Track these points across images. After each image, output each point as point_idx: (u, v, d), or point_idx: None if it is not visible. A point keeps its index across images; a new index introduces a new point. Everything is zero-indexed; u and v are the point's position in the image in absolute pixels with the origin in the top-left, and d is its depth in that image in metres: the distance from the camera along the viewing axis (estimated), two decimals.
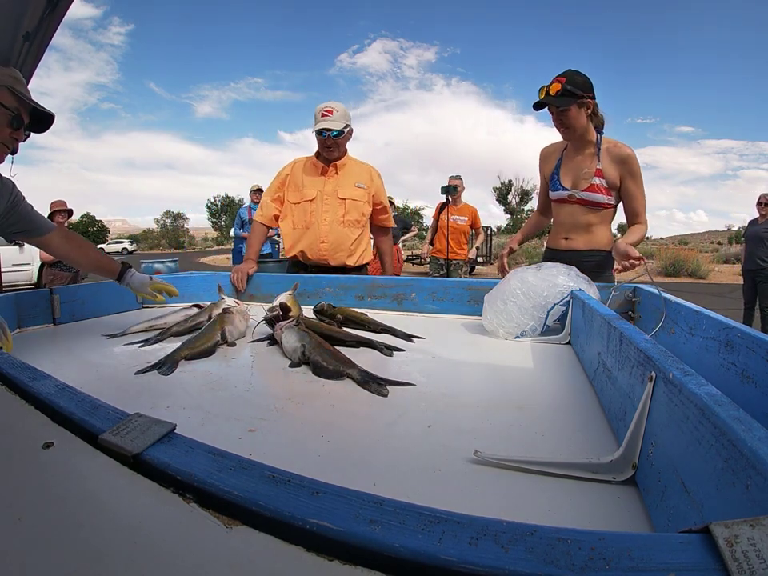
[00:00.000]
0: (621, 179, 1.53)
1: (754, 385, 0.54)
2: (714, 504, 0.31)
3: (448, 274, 4.33)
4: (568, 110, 1.46)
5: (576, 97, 1.44)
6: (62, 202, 4.29)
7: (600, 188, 1.53)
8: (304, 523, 0.23)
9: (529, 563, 0.20)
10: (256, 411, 0.64)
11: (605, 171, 1.52)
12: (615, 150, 1.52)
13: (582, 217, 1.59)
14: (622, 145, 1.53)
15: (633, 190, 1.53)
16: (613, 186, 1.53)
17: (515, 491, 0.44)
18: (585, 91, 1.45)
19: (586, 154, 1.56)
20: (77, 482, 0.32)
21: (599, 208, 1.56)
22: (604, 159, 1.53)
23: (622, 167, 1.51)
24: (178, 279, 1.67)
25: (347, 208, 1.85)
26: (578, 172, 1.57)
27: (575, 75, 1.46)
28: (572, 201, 1.59)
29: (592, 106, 1.49)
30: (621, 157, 1.51)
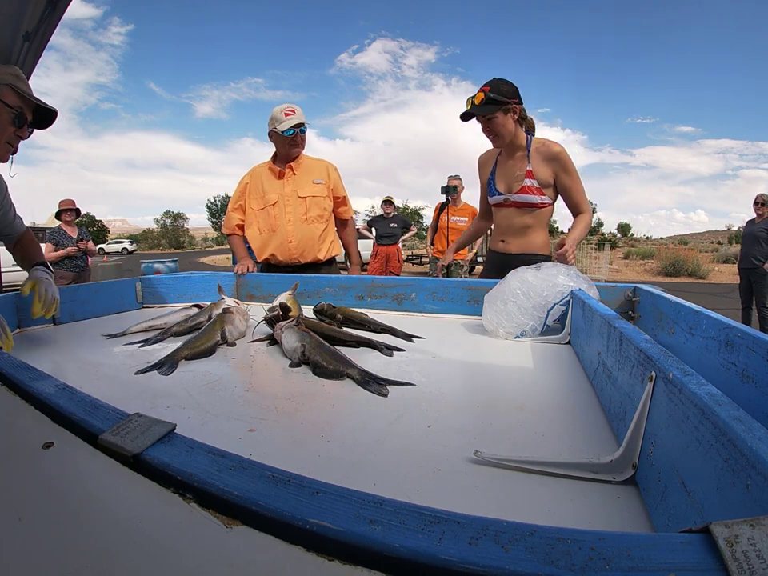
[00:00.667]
0: (554, 176, 1.56)
1: (754, 385, 0.54)
2: (714, 504, 0.31)
3: (448, 274, 4.33)
4: (494, 118, 1.50)
5: (500, 104, 1.48)
6: (70, 201, 4.30)
7: (532, 189, 1.57)
8: (304, 523, 0.23)
9: (529, 563, 0.20)
10: (256, 411, 0.64)
11: (535, 172, 1.56)
12: (544, 148, 1.55)
13: (517, 219, 1.63)
14: (550, 143, 1.56)
15: (568, 184, 1.56)
16: (545, 184, 1.57)
17: (515, 491, 0.44)
18: (509, 98, 1.48)
19: (516, 158, 1.60)
20: (77, 482, 0.32)
21: (534, 209, 1.60)
22: (534, 160, 1.56)
23: (553, 164, 1.55)
24: (178, 279, 1.67)
25: (308, 205, 1.93)
26: (510, 176, 1.62)
27: (499, 83, 1.50)
28: (507, 204, 1.64)
29: (518, 111, 1.52)
30: (550, 155, 1.54)
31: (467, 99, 1.53)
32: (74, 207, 4.28)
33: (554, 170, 1.55)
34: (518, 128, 1.56)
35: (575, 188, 1.57)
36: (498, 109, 1.48)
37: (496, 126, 1.51)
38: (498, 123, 1.51)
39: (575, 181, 1.56)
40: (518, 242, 1.65)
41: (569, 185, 1.56)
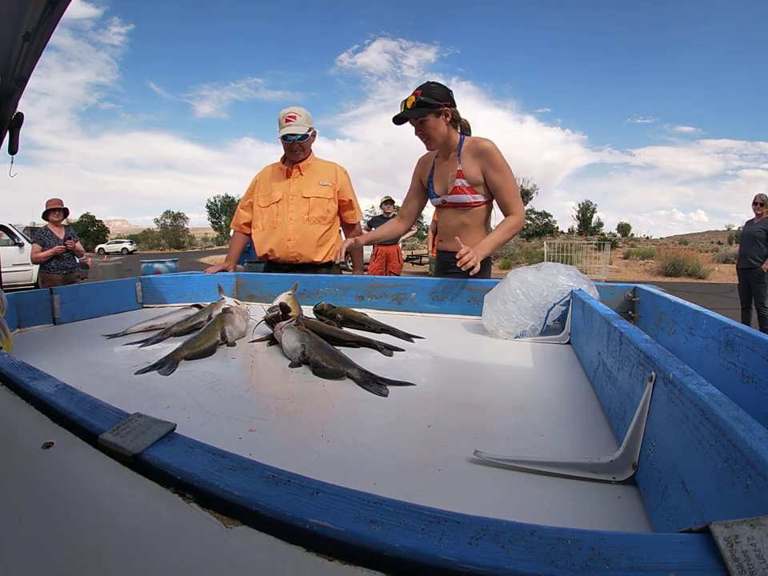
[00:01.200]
0: (483, 173, 1.53)
1: (754, 385, 0.54)
2: (713, 504, 0.31)
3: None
4: (426, 121, 1.49)
5: (432, 107, 1.47)
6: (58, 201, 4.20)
7: (463, 189, 1.55)
8: (304, 523, 0.23)
9: (529, 563, 0.20)
10: (256, 411, 0.64)
11: (465, 171, 1.54)
12: (473, 146, 1.54)
13: (453, 220, 1.62)
14: (479, 139, 1.55)
15: (496, 181, 1.52)
16: (476, 182, 1.54)
17: (515, 491, 0.44)
18: (441, 100, 1.48)
19: (450, 159, 1.59)
20: (77, 482, 0.32)
21: (468, 208, 1.58)
22: (464, 159, 1.55)
23: (481, 161, 1.52)
24: (178, 279, 1.67)
25: (311, 206, 1.95)
26: (444, 177, 1.61)
27: (431, 86, 1.49)
28: (446, 206, 1.63)
29: (450, 113, 1.51)
30: (478, 151, 1.52)
31: (401, 102, 1.53)
32: (62, 207, 4.19)
33: (481, 167, 1.53)
34: (451, 130, 1.55)
35: (505, 186, 1.53)
36: (429, 111, 1.48)
37: (428, 129, 1.51)
38: (430, 126, 1.50)
39: (505, 179, 1.52)
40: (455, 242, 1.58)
41: (497, 182, 1.52)
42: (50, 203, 4.16)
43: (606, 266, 11.26)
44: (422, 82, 1.67)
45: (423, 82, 1.54)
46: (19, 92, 1.26)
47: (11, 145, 1.36)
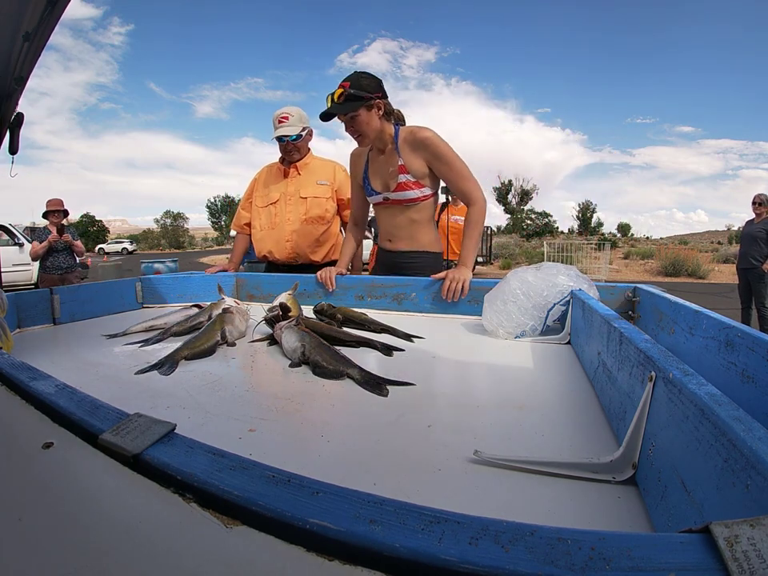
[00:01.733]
0: (428, 165, 1.44)
1: (754, 385, 0.54)
2: (714, 504, 0.31)
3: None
4: (357, 116, 1.37)
5: (362, 100, 1.36)
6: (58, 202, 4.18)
7: (408, 184, 1.46)
8: (304, 523, 0.23)
9: (529, 563, 0.20)
10: (256, 411, 0.64)
11: (407, 165, 1.44)
12: (411, 137, 1.43)
13: (400, 216, 1.54)
14: (416, 129, 1.43)
15: (445, 172, 1.44)
16: (421, 176, 1.45)
17: (515, 491, 0.44)
18: (372, 92, 1.37)
19: (387, 153, 1.49)
20: (77, 482, 0.32)
21: (416, 203, 1.50)
22: (404, 152, 1.44)
23: (423, 152, 1.43)
24: (178, 279, 1.67)
25: (309, 206, 1.95)
26: (384, 173, 1.51)
27: (360, 77, 1.37)
28: (388, 203, 1.54)
29: (383, 105, 1.41)
30: (418, 143, 1.42)
31: (327, 96, 1.39)
32: (62, 208, 4.17)
33: (425, 159, 1.43)
34: (385, 123, 1.44)
35: (455, 173, 1.43)
36: (359, 105, 1.35)
37: (359, 125, 1.39)
38: (362, 121, 1.38)
39: (453, 165, 1.42)
40: (406, 240, 1.57)
41: (446, 172, 1.43)
42: (50, 204, 4.13)
43: (606, 266, 11.26)
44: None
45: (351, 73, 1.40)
46: (19, 92, 1.26)
47: (11, 145, 1.36)
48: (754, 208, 4.45)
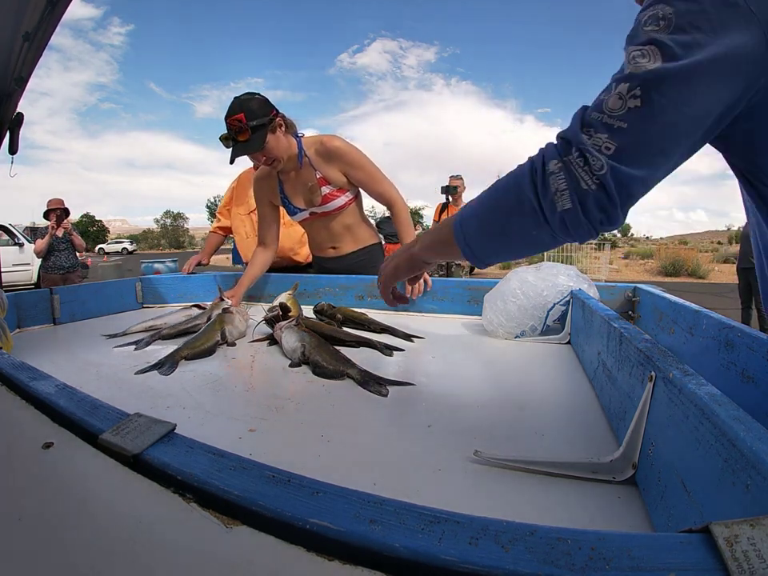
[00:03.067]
0: (344, 173, 1.43)
1: (754, 385, 0.54)
2: (714, 504, 0.31)
3: (449, 275, 4.34)
4: (266, 144, 1.28)
5: (264, 126, 1.26)
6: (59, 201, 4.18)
7: (333, 194, 1.45)
8: (304, 523, 0.23)
9: (529, 563, 0.20)
10: (256, 411, 0.64)
11: (326, 176, 1.42)
12: (322, 149, 1.40)
13: (335, 224, 1.52)
14: (326, 140, 1.40)
15: (361, 178, 1.43)
16: (342, 184, 1.45)
17: (515, 491, 0.44)
18: (268, 113, 1.27)
19: (300, 169, 1.43)
20: (77, 482, 0.32)
21: (344, 209, 1.49)
22: (319, 164, 1.41)
23: (337, 162, 1.41)
24: (178, 279, 1.67)
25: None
26: (304, 189, 1.46)
27: (249, 103, 1.25)
28: (317, 216, 1.51)
29: (282, 122, 1.33)
30: (329, 154, 1.40)
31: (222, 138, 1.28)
32: (63, 207, 4.17)
33: (340, 168, 1.42)
34: (289, 138, 1.37)
35: (370, 178, 1.43)
36: (265, 134, 1.26)
37: (271, 152, 1.31)
38: (272, 148, 1.30)
39: (367, 171, 1.42)
40: (349, 242, 1.57)
41: (362, 178, 1.43)
42: (51, 203, 4.14)
43: (606, 266, 11.26)
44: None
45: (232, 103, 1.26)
46: (19, 92, 1.25)
47: (11, 145, 1.36)
48: None
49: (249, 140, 1.25)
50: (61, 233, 4.15)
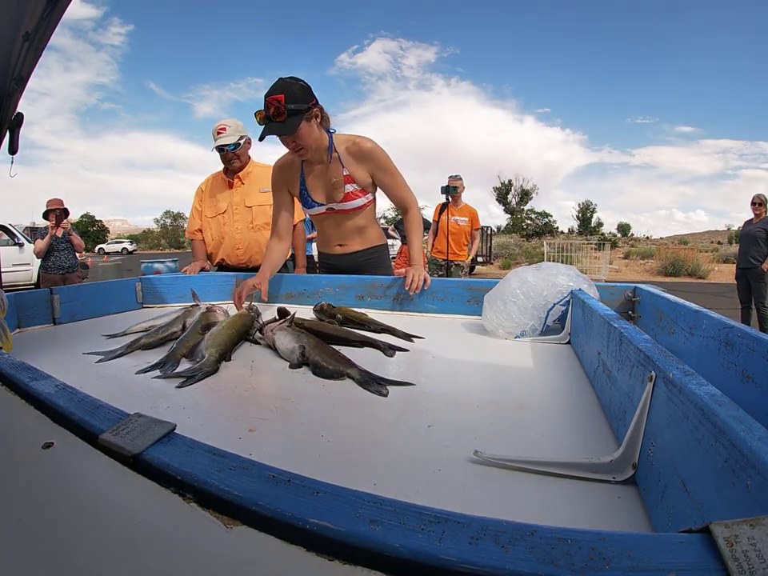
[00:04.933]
0: (371, 175, 1.46)
1: (754, 385, 0.54)
2: (714, 504, 0.31)
3: (448, 275, 4.34)
4: (299, 130, 1.27)
5: (302, 112, 1.25)
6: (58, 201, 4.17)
7: (355, 194, 1.46)
8: (304, 523, 0.23)
9: (529, 563, 0.20)
10: (256, 411, 0.64)
11: (353, 175, 1.43)
12: (354, 148, 1.41)
13: (349, 223, 1.54)
14: (360, 140, 1.42)
15: (387, 181, 1.47)
16: (366, 185, 1.47)
17: (515, 491, 0.44)
18: (308, 101, 1.27)
19: (327, 163, 1.43)
20: (77, 481, 0.32)
21: (362, 210, 1.52)
22: (348, 163, 1.42)
23: (368, 164, 1.44)
24: (178, 279, 1.67)
25: (254, 214, 2.05)
26: (327, 184, 1.46)
27: (292, 86, 1.25)
28: (333, 212, 1.51)
29: (319, 113, 1.33)
30: (362, 154, 1.42)
31: (257, 113, 1.27)
32: (62, 207, 4.16)
33: (369, 170, 1.44)
34: (321, 130, 1.37)
35: (395, 183, 1.48)
36: (301, 120, 1.25)
37: (302, 139, 1.29)
38: (304, 135, 1.28)
39: (394, 176, 1.47)
40: (359, 241, 1.60)
41: (388, 182, 1.47)
42: (50, 203, 4.14)
43: (606, 266, 11.26)
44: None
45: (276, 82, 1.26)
46: (19, 92, 1.26)
47: (11, 145, 1.36)
48: (753, 208, 4.46)
49: (284, 122, 1.25)
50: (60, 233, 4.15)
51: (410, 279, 1.35)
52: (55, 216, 4.09)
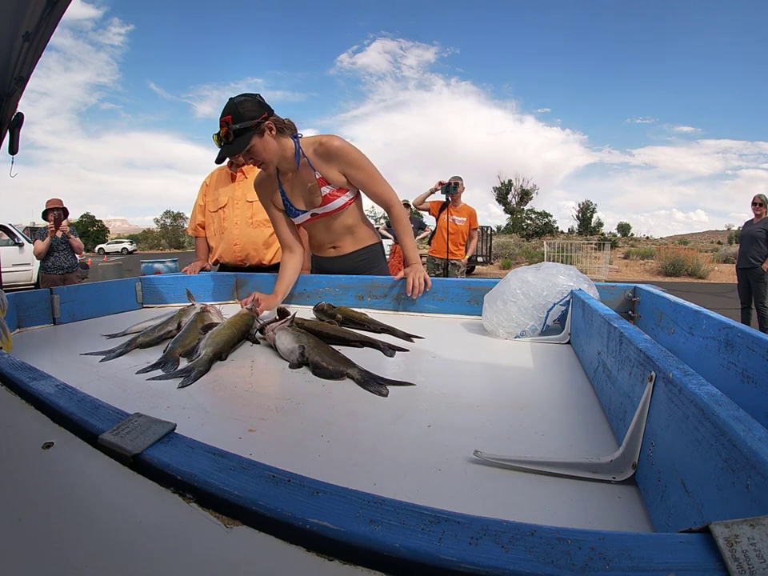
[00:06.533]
0: (343, 173, 1.43)
1: (754, 385, 0.54)
2: (714, 504, 0.31)
3: (446, 275, 4.33)
4: (251, 147, 1.28)
5: (249, 130, 1.26)
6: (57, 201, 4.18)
7: (333, 194, 1.44)
8: (304, 523, 0.23)
9: (529, 563, 0.20)
10: (256, 411, 0.64)
11: (326, 177, 1.42)
12: (321, 149, 1.39)
13: (337, 224, 1.52)
14: (326, 140, 1.39)
15: (360, 178, 1.43)
16: (341, 184, 1.44)
17: (515, 491, 0.44)
18: (257, 116, 1.27)
19: (299, 170, 1.42)
20: (77, 481, 0.32)
21: (345, 209, 1.49)
22: (318, 165, 1.41)
23: (337, 162, 1.40)
24: (178, 279, 1.67)
25: (255, 209, 1.98)
26: (304, 190, 1.45)
27: (239, 105, 1.26)
28: (317, 217, 1.50)
29: (273, 125, 1.31)
30: (329, 154, 1.39)
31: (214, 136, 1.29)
32: (61, 207, 4.17)
33: (339, 168, 1.42)
34: (281, 140, 1.36)
35: (370, 179, 1.44)
36: (250, 137, 1.26)
37: (258, 155, 1.30)
38: (258, 150, 1.29)
39: (367, 172, 1.43)
40: (350, 242, 1.59)
41: (361, 178, 1.43)
42: (50, 203, 4.14)
43: (606, 266, 11.27)
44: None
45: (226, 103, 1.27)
46: (19, 92, 1.25)
47: (11, 145, 1.36)
48: (754, 209, 4.47)
49: (232, 142, 1.26)
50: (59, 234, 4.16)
51: (410, 282, 1.35)
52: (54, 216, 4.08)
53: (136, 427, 0.34)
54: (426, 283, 1.36)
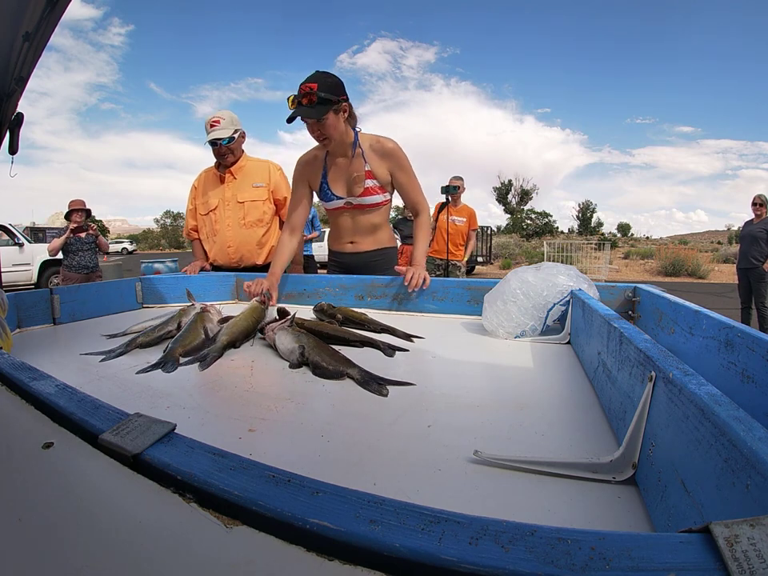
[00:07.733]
0: (390, 173, 1.51)
1: (754, 385, 0.54)
2: (714, 504, 0.31)
3: (446, 275, 4.33)
4: (325, 119, 1.34)
5: (331, 103, 1.33)
6: (80, 202, 4.21)
7: (374, 189, 1.51)
8: (304, 523, 0.23)
9: (529, 563, 0.20)
10: (256, 411, 0.64)
11: (374, 171, 1.49)
12: (378, 146, 1.48)
13: (364, 220, 1.57)
14: (384, 140, 1.49)
15: (404, 182, 1.53)
16: (385, 182, 1.52)
17: (515, 491, 0.44)
18: (338, 95, 1.34)
19: (350, 158, 1.49)
20: (77, 481, 0.32)
21: (378, 207, 1.55)
22: (371, 159, 1.48)
23: (389, 162, 1.49)
24: (178, 279, 1.67)
25: (246, 210, 1.98)
26: (348, 178, 1.51)
27: (326, 78, 1.34)
28: (350, 207, 1.55)
29: (348, 109, 1.40)
30: (385, 152, 1.48)
31: (290, 98, 1.34)
32: (84, 207, 4.18)
33: (389, 168, 1.50)
34: (347, 126, 1.43)
35: (411, 185, 1.54)
36: (329, 109, 1.33)
37: (327, 129, 1.36)
38: (330, 125, 1.35)
39: (411, 178, 1.53)
40: (371, 240, 1.62)
41: (405, 182, 1.53)
42: (72, 204, 4.15)
43: (606, 266, 11.27)
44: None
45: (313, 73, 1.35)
46: (19, 92, 1.25)
47: (11, 145, 1.36)
48: (754, 209, 4.47)
49: (312, 107, 1.31)
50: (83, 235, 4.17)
51: (409, 276, 1.37)
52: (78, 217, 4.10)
53: (136, 427, 0.34)
54: (425, 281, 1.37)
